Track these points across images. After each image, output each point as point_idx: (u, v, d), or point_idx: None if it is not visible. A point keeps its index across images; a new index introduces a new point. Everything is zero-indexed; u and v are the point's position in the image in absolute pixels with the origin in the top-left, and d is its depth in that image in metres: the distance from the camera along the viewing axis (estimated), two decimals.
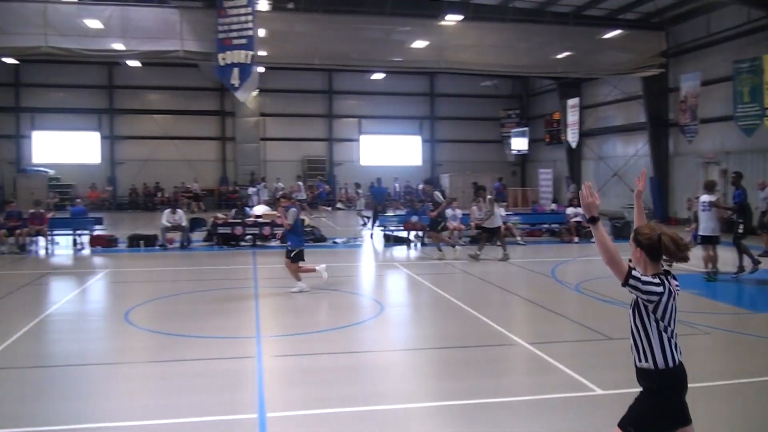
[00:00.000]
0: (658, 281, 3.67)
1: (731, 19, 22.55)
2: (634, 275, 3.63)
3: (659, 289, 3.65)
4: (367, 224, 23.35)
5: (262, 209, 21.50)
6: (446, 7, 24.16)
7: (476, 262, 15.78)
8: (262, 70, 28.31)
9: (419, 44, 24.65)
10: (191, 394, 6.61)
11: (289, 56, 24.77)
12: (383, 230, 20.64)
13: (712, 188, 13.49)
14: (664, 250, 3.72)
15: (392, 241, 19.86)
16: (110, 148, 36.13)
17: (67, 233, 19.10)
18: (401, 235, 19.91)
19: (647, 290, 3.63)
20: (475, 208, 18.43)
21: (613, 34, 25.07)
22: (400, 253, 18.34)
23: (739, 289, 12.70)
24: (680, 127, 25.07)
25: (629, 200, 24.01)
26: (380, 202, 22.44)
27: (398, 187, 37.35)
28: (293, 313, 10.78)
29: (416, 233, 19.34)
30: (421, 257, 17.40)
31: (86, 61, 27.26)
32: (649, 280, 3.66)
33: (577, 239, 19.70)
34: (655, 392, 3.73)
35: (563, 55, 25.60)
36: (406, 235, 19.72)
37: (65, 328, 9.72)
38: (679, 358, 3.75)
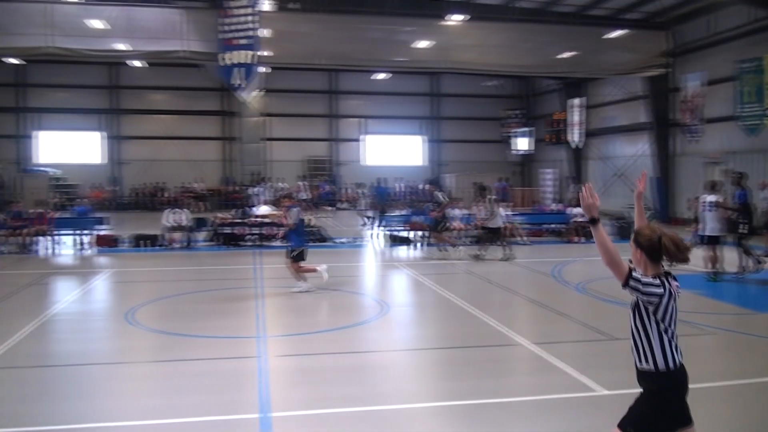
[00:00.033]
0: (658, 282, 3.66)
1: (734, 19, 22.52)
2: (634, 276, 3.62)
3: (659, 290, 3.64)
4: (368, 224, 23.34)
5: (265, 209, 21.52)
6: (449, 7, 24.17)
7: (479, 262, 15.79)
8: (267, 70, 28.34)
9: (422, 44, 24.66)
10: (194, 393, 6.62)
11: (292, 56, 24.82)
12: (386, 230, 20.65)
13: (715, 188, 13.47)
14: (664, 251, 3.71)
15: (395, 241, 19.87)
16: (114, 148, 36.20)
17: (70, 233, 19.12)
18: (404, 235, 19.92)
19: (647, 291, 3.62)
20: (478, 207, 18.45)
21: (616, 33, 25.05)
22: (402, 253, 18.35)
23: (742, 289, 12.68)
24: (684, 127, 25.04)
25: (632, 200, 23.93)
26: (383, 202, 22.44)
27: (401, 187, 37.32)
28: (296, 313, 10.79)
29: (419, 233, 19.35)
30: (423, 257, 17.39)
31: (90, 61, 27.33)
32: (649, 281, 3.65)
33: (580, 239, 19.66)
34: (655, 393, 3.72)
35: (567, 54, 25.58)
36: (409, 235, 19.74)
37: (68, 327, 9.74)
38: (679, 359, 3.74)
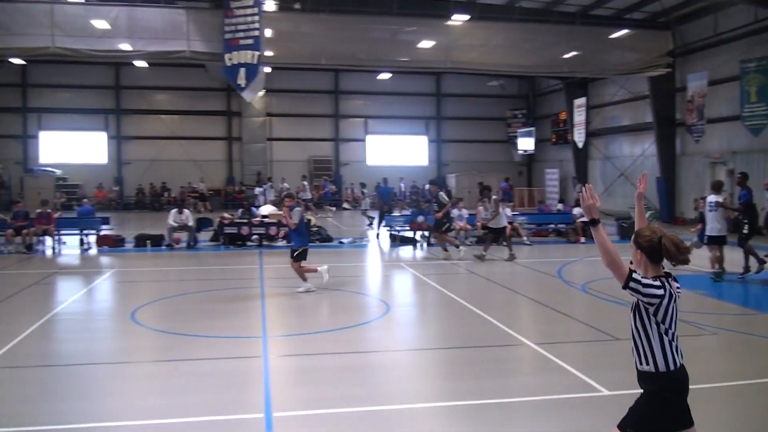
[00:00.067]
0: (658, 284, 3.65)
1: (738, 18, 22.47)
2: (634, 278, 3.61)
3: (660, 291, 3.64)
4: (371, 223, 23.33)
5: (268, 209, 21.52)
6: (453, 6, 24.13)
7: (482, 262, 15.78)
8: (268, 70, 28.34)
9: (426, 44, 24.65)
10: (197, 393, 6.63)
11: (295, 56, 24.81)
12: (389, 230, 20.65)
13: (719, 188, 13.46)
14: (664, 252, 3.70)
15: (398, 241, 19.88)
16: (117, 148, 36.29)
17: (74, 233, 19.18)
18: (407, 235, 19.92)
19: (648, 293, 3.62)
20: (481, 208, 18.46)
21: (619, 33, 25.00)
22: (406, 253, 18.34)
23: (745, 289, 12.66)
24: (687, 127, 25.00)
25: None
26: (387, 202, 22.43)
27: (404, 187, 37.33)
28: (299, 313, 10.81)
29: (422, 233, 19.35)
30: (427, 257, 17.40)
31: (93, 61, 27.35)
32: (649, 282, 3.64)
33: (583, 239, 19.64)
34: (656, 394, 3.72)
35: (570, 54, 25.54)
36: (412, 235, 19.74)
37: (72, 327, 9.77)
38: (680, 360, 3.73)
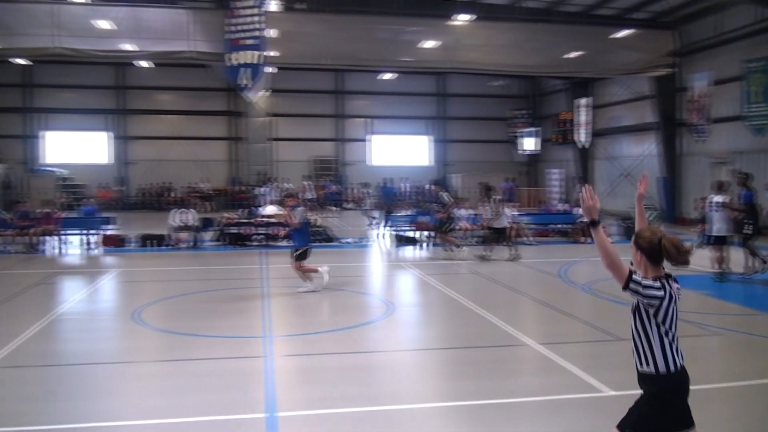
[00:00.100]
0: (658, 285, 3.65)
1: (741, 18, 22.43)
2: (634, 279, 3.61)
3: (660, 293, 3.63)
4: (373, 224, 23.34)
5: (271, 209, 21.55)
6: (456, 6, 24.14)
7: (485, 262, 15.77)
8: (274, 70, 28.37)
9: (429, 44, 24.65)
10: (200, 393, 6.65)
11: (299, 56, 24.84)
12: (392, 230, 20.64)
13: (722, 188, 13.43)
14: (664, 253, 3.70)
15: (401, 241, 19.87)
16: (121, 148, 36.33)
17: (77, 233, 19.20)
18: (410, 235, 19.92)
19: (648, 294, 3.62)
20: (482, 208, 18.40)
21: (623, 33, 24.98)
22: (409, 253, 18.35)
23: (748, 289, 12.64)
24: (690, 127, 24.95)
25: None
26: (389, 202, 22.43)
27: (407, 187, 37.31)
28: (302, 312, 10.82)
29: (425, 233, 19.34)
30: (430, 257, 17.39)
31: (96, 61, 27.41)
32: (649, 284, 3.64)
33: (587, 240, 19.59)
34: (656, 395, 3.72)
35: (573, 54, 25.53)
36: (415, 235, 19.73)
37: (75, 327, 9.79)
38: (680, 361, 3.73)
